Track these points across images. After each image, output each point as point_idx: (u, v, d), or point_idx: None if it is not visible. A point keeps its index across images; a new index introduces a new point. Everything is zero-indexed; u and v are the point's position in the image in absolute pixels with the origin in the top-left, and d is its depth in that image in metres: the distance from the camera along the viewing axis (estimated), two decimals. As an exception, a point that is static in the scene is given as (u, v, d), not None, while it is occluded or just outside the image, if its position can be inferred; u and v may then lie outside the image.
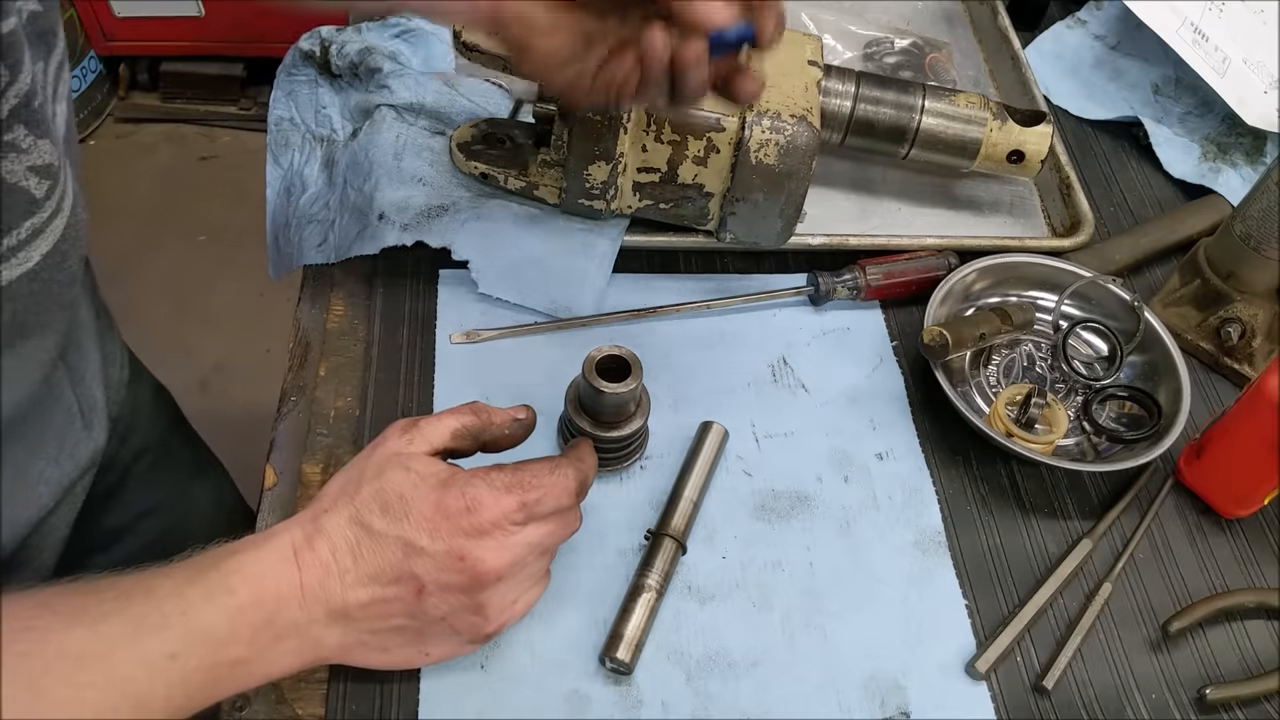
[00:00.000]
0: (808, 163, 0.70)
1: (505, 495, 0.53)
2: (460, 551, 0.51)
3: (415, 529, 0.51)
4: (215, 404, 1.94)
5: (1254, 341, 0.78)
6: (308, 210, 0.78)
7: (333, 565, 0.51)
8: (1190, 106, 0.99)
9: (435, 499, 0.52)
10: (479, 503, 0.52)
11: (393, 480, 0.52)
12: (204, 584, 0.48)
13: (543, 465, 0.55)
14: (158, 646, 0.45)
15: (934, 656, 0.63)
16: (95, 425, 0.68)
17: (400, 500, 0.52)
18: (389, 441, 0.55)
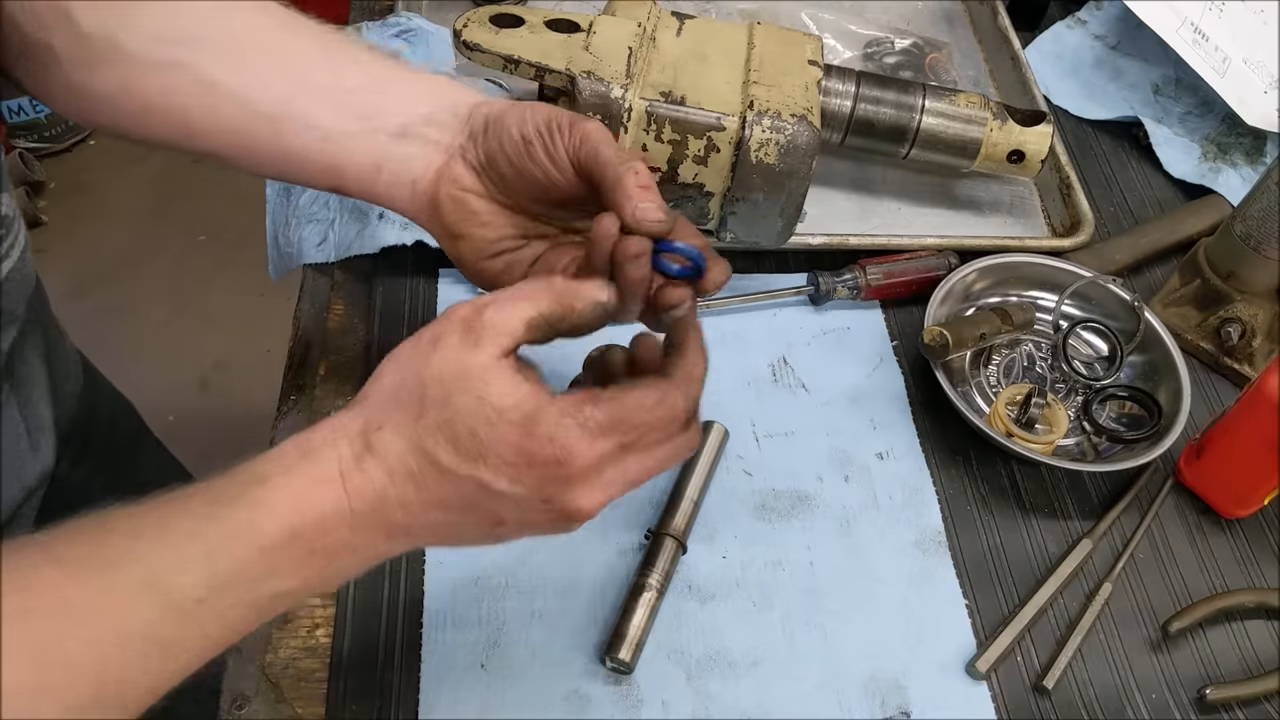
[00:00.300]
0: (808, 162, 0.70)
1: (601, 439, 0.44)
2: (546, 495, 0.44)
3: (493, 472, 0.43)
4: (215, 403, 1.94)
5: (1254, 341, 0.78)
6: (308, 210, 0.78)
7: (390, 492, 0.44)
8: (1190, 106, 0.99)
9: (518, 441, 0.43)
10: (570, 453, 0.43)
11: (462, 411, 0.43)
12: (226, 521, 0.42)
13: (647, 394, 0.45)
14: (180, 593, 0.40)
15: (934, 656, 0.63)
16: (43, 445, 0.66)
17: (472, 437, 0.43)
18: (449, 345, 0.45)
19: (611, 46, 0.71)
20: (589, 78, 0.68)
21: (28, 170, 2.13)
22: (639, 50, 0.71)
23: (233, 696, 0.58)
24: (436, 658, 0.60)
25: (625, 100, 0.69)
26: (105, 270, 2.09)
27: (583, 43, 0.71)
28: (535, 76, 0.70)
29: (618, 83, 0.69)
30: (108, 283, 2.08)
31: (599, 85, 0.68)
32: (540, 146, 0.53)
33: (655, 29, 0.75)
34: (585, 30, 0.72)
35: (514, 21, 0.72)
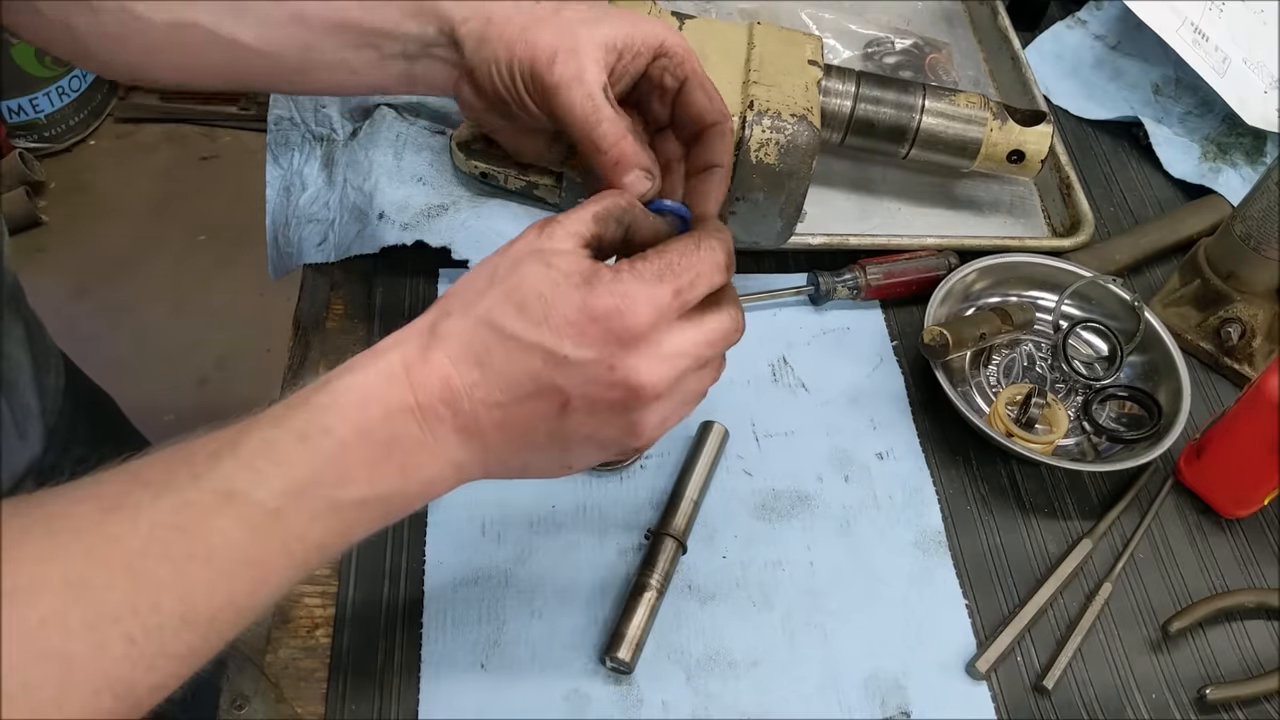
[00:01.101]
0: (808, 162, 0.70)
1: (658, 285, 0.44)
2: (611, 361, 0.44)
3: (557, 334, 0.43)
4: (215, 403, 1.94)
5: (1254, 341, 0.78)
6: (308, 210, 0.78)
7: (454, 378, 0.43)
8: (1190, 106, 0.99)
9: (580, 298, 0.43)
10: (631, 299, 0.43)
11: (529, 275, 0.44)
12: (294, 425, 0.41)
13: (685, 241, 0.46)
14: (256, 506, 0.40)
15: (934, 656, 0.63)
16: (30, 433, 0.67)
17: (539, 299, 0.43)
18: (524, 238, 0.46)
19: (611, 46, 0.71)
20: (589, 78, 0.68)
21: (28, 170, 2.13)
22: (639, 50, 0.71)
23: (233, 696, 0.58)
24: (436, 658, 0.60)
25: (625, 100, 0.69)
26: (105, 270, 2.09)
27: (583, 43, 0.71)
28: (535, 76, 0.70)
29: (618, 83, 0.68)
30: (108, 282, 2.08)
31: (599, 85, 0.68)
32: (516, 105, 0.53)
33: (655, 29, 0.75)
34: (585, 30, 0.72)
35: (514, 21, 0.72)
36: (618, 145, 0.50)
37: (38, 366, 0.70)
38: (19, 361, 0.66)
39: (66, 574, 0.36)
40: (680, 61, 0.52)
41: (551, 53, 0.51)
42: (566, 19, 0.52)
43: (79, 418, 0.78)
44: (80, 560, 0.36)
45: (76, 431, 0.77)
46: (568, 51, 0.51)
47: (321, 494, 0.41)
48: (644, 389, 0.44)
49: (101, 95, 2.32)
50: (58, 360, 0.76)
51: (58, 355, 0.77)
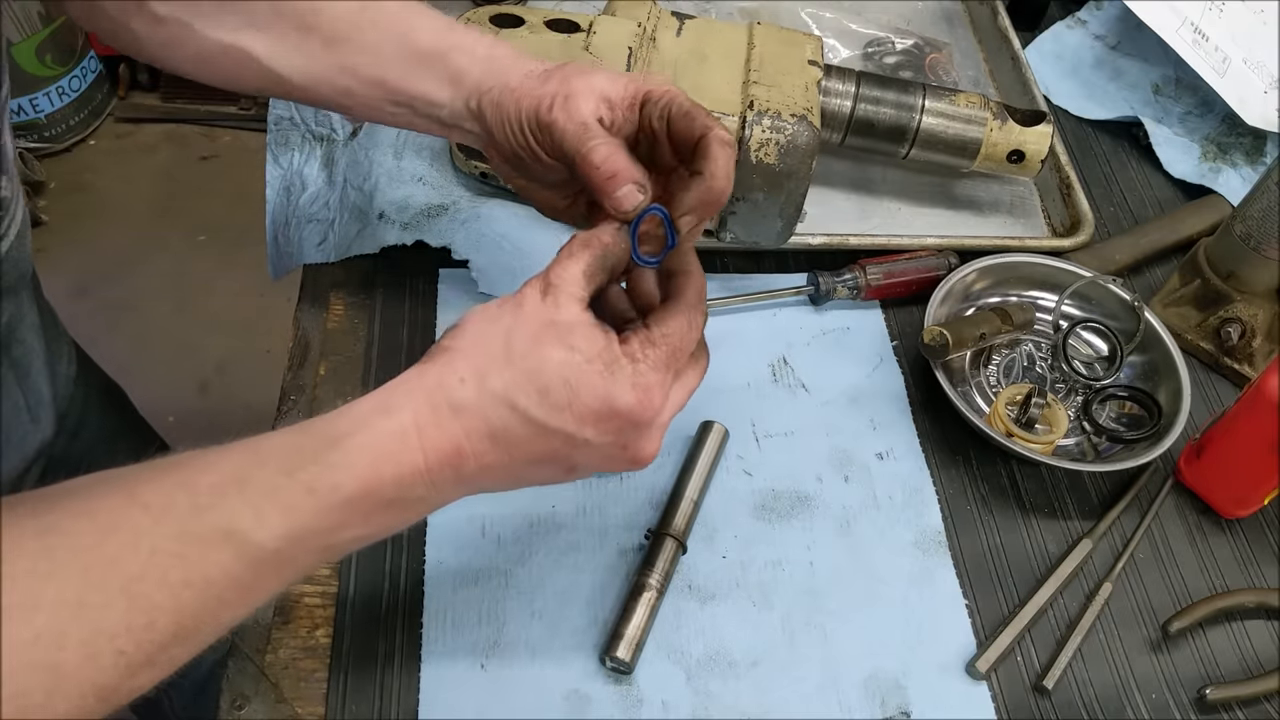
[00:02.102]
0: (808, 162, 0.70)
1: (666, 373, 0.49)
2: (624, 442, 0.48)
3: (579, 422, 0.46)
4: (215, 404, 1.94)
5: (1254, 341, 0.78)
6: (308, 210, 0.78)
7: (466, 447, 0.45)
8: (1190, 106, 0.99)
9: (604, 390, 0.46)
10: (649, 393, 0.47)
11: (553, 359, 0.46)
12: (304, 478, 0.43)
13: (680, 322, 0.50)
14: (257, 546, 0.42)
15: (934, 656, 0.63)
16: (42, 419, 0.69)
17: (565, 386, 0.46)
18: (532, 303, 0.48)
19: (611, 46, 0.71)
20: (589, 78, 0.68)
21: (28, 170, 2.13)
22: (639, 50, 0.71)
23: (233, 696, 0.58)
24: (436, 658, 0.60)
25: (625, 100, 0.69)
26: (105, 270, 2.09)
27: (583, 43, 0.71)
28: (535, 76, 0.70)
29: (618, 83, 0.68)
30: (108, 282, 2.08)
31: (599, 85, 0.68)
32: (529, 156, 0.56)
33: (655, 29, 0.75)
34: (585, 30, 0.72)
35: (514, 21, 0.73)
36: (608, 161, 0.52)
37: (51, 353, 0.72)
38: (33, 347, 0.68)
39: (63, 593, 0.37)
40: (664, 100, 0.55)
41: (550, 99, 0.55)
42: (566, 73, 0.56)
43: (89, 405, 0.80)
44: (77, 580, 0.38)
45: (87, 418, 0.79)
46: (564, 96, 0.54)
47: (320, 539, 0.44)
48: (646, 458, 0.50)
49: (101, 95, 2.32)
50: (70, 348, 0.78)
51: (70, 343, 0.78)
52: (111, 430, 0.84)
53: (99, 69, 2.30)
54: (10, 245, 0.61)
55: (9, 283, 0.62)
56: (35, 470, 0.69)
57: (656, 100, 0.55)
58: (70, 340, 0.79)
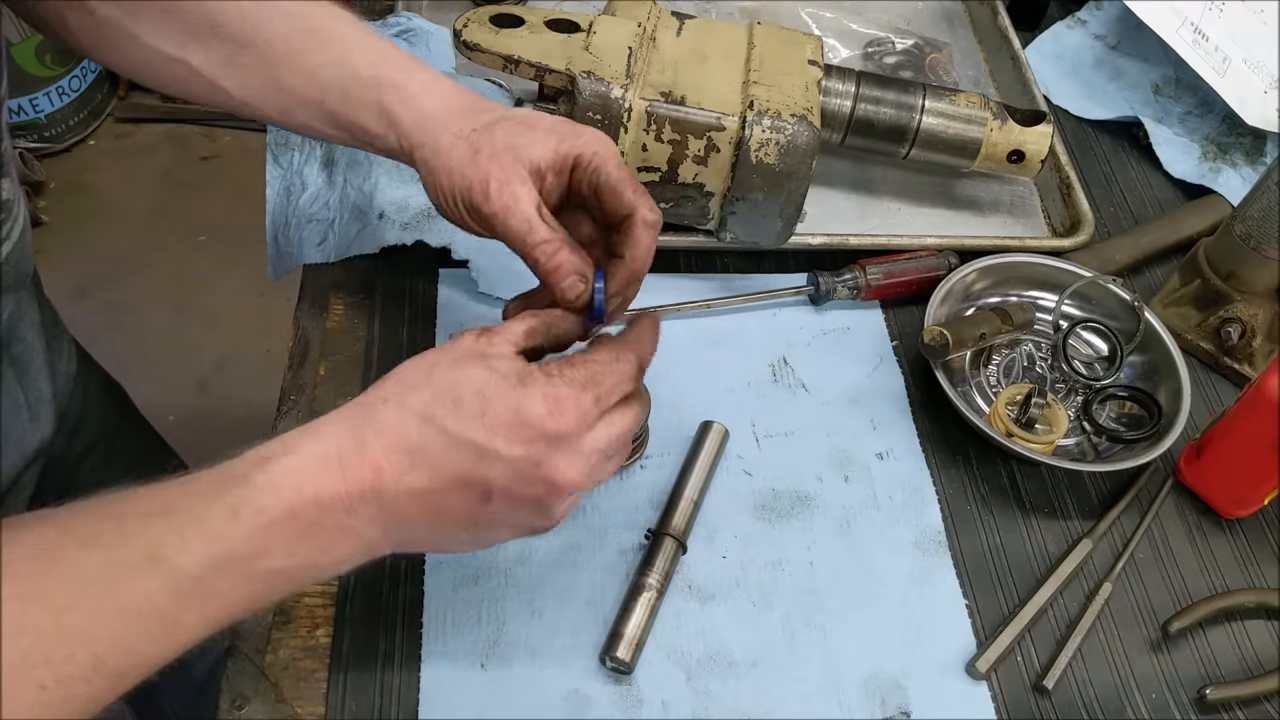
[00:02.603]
0: (808, 162, 0.70)
1: (583, 393, 0.49)
2: (537, 458, 0.47)
3: (490, 432, 0.47)
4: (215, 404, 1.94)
5: (1254, 341, 0.78)
6: (308, 209, 0.78)
7: (385, 467, 0.46)
8: (1190, 106, 0.99)
9: (515, 399, 0.47)
10: (561, 404, 0.48)
11: (471, 375, 0.48)
12: (229, 500, 0.44)
13: (607, 352, 0.52)
14: (179, 571, 0.42)
15: (934, 656, 0.63)
16: (42, 417, 0.69)
17: (478, 396, 0.47)
18: (464, 341, 0.50)
19: (611, 46, 0.71)
20: (589, 78, 0.68)
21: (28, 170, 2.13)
22: (639, 50, 0.71)
23: (233, 696, 0.58)
24: (436, 658, 0.60)
25: (625, 100, 0.69)
26: (105, 270, 2.09)
27: (583, 43, 0.71)
28: (535, 76, 0.70)
29: (618, 83, 0.69)
30: (108, 283, 2.08)
31: (599, 85, 0.68)
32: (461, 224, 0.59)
33: (655, 29, 0.75)
34: (585, 30, 0.72)
35: (514, 21, 0.73)
36: (552, 259, 0.55)
37: (51, 351, 0.72)
38: (33, 345, 0.68)
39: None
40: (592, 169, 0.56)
41: (485, 184, 0.56)
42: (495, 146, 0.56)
43: (89, 403, 0.80)
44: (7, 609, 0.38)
45: (86, 416, 0.79)
46: (499, 183, 0.55)
47: (242, 566, 0.44)
48: (563, 485, 0.49)
49: (101, 95, 2.32)
50: (70, 346, 0.78)
51: (70, 341, 0.79)
52: (111, 429, 0.84)
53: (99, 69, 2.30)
54: (12, 247, 0.61)
55: (10, 283, 0.62)
56: (34, 468, 0.69)
57: (585, 166, 0.56)
58: (70, 338, 0.79)
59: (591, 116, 0.68)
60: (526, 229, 0.56)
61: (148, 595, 0.41)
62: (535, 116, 0.58)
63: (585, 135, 0.57)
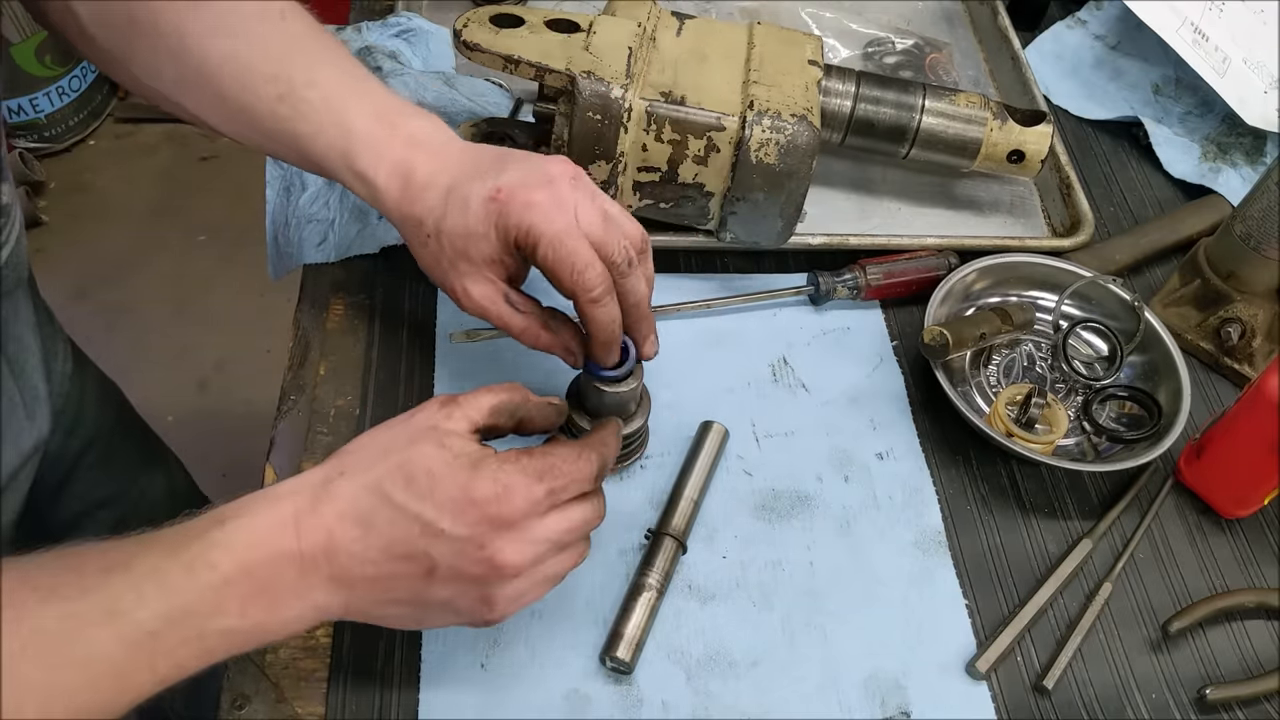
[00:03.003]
0: (808, 162, 0.70)
1: (536, 483, 0.50)
2: (481, 540, 0.49)
3: (438, 509, 0.48)
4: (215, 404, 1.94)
5: (1254, 341, 0.78)
6: (307, 209, 0.78)
7: (338, 533, 0.48)
8: (1190, 106, 0.99)
9: (465, 480, 0.49)
10: (510, 490, 0.49)
11: (423, 453, 0.49)
12: (185, 557, 0.45)
13: (569, 449, 0.53)
14: (135, 625, 0.43)
15: (934, 656, 0.63)
16: (38, 415, 0.69)
17: (428, 475, 0.48)
18: (425, 412, 0.52)
19: (611, 46, 0.71)
20: (589, 78, 0.68)
21: (28, 170, 2.13)
22: (639, 50, 0.71)
23: (233, 696, 0.58)
24: (436, 658, 0.60)
25: (625, 100, 0.69)
26: (105, 270, 2.09)
27: (583, 43, 0.71)
28: (535, 76, 0.70)
29: (618, 83, 0.69)
30: (108, 283, 2.08)
31: (599, 85, 0.68)
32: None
33: (655, 29, 0.75)
34: (585, 30, 0.72)
35: (514, 21, 0.72)
36: (536, 343, 0.61)
37: (47, 350, 0.72)
38: (28, 344, 0.68)
39: None
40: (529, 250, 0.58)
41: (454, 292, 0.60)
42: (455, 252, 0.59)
43: (85, 402, 0.80)
44: None
45: (83, 416, 0.80)
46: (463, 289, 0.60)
47: (195, 622, 0.45)
48: (505, 568, 0.49)
49: (101, 95, 2.32)
50: (65, 346, 0.78)
51: (66, 341, 0.79)
52: (108, 428, 0.84)
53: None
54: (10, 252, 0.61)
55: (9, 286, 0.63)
56: (30, 467, 0.69)
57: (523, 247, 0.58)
58: (66, 338, 0.79)
59: (591, 116, 0.68)
60: (503, 324, 0.61)
61: (102, 648, 0.42)
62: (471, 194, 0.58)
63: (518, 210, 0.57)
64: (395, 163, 0.60)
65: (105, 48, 0.60)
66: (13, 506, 0.68)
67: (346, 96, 0.61)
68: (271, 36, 0.61)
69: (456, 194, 0.58)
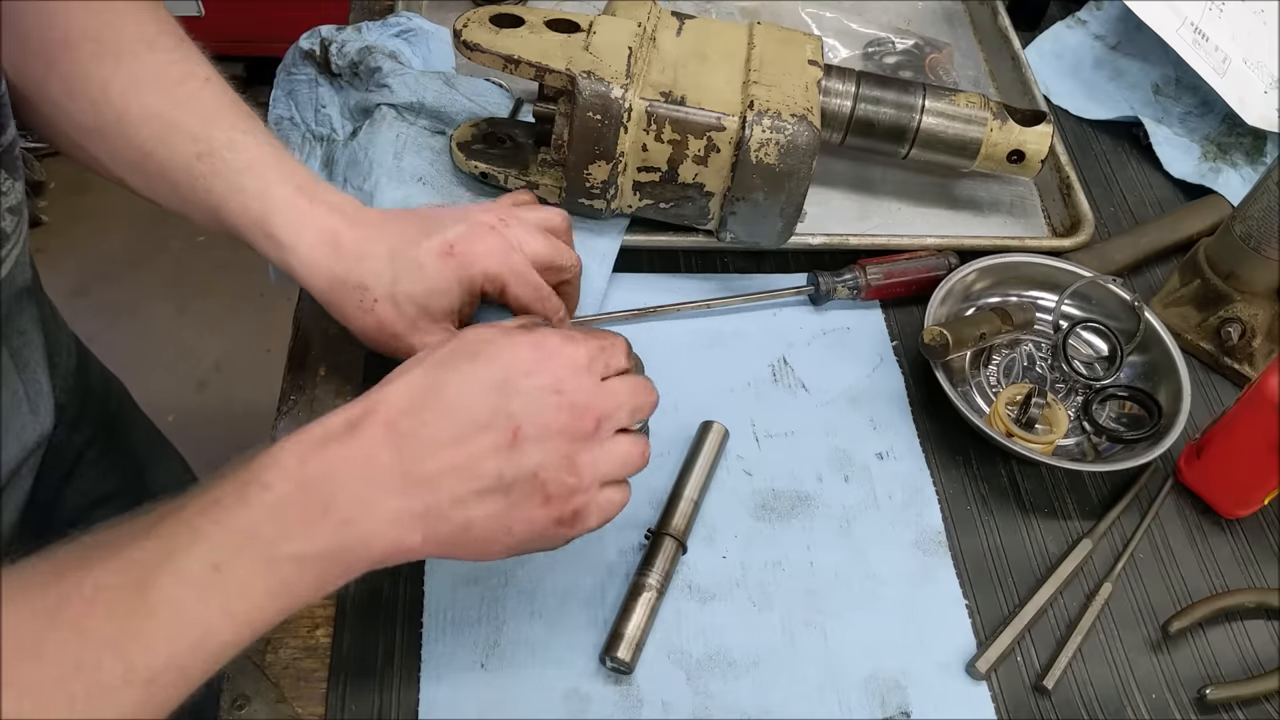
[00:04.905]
0: (808, 162, 0.70)
1: (588, 338, 0.51)
2: (559, 385, 0.48)
3: (509, 367, 0.48)
4: (215, 404, 1.94)
5: (1254, 341, 0.78)
6: (308, 210, 0.78)
7: (402, 422, 0.46)
8: (1190, 106, 0.99)
9: (530, 338, 0.49)
10: (572, 340, 0.50)
11: (478, 332, 0.50)
12: (234, 484, 0.43)
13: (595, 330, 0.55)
14: (196, 561, 0.41)
15: (934, 656, 0.63)
16: (42, 409, 0.69)
17: (490, 343, 0.48)
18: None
19: (611, 46, 0.71)
20: (589, 78, 0.68)
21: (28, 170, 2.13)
22: (639, 50, 0.71)
23: (233, 696, 0.58)
24: (436, 658, 0.60)
25: (625, 100, 0.69)
26: (105, 270, 2.09)
27: (583, 43, 0.71)
28: (535, 76, 0.70)
29: (618, 83, 0.69)
30: (108, 283, 2.08)
31: (599, 85, 0.68)
32: None
33: (655, 29, 0.75)
34: (585, 30, 0.72)
35: (514, 21, 0.72)
36: None
37: (51, 344, 0.72)
38: (32, 339, 0.68)
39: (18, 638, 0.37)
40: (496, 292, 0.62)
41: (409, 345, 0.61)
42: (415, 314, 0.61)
43: (89, 398, 0.80)
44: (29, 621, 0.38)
45: (86, 411, 0.80)
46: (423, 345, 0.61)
47: (259, 550, 0.42)
48: (588, 408, 0.49)
49: (102, 95, 2.32)
50: (69, 340, 0.79)
51: (70, 335, 0.79)
52: (110, 423, 0.84)
53: (99, 69, 2.30)
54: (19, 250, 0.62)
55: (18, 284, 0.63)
56: (34, 461, 0.69)
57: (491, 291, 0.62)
58: (70, 333, 0.79)
59: (591, 116, 0.68)
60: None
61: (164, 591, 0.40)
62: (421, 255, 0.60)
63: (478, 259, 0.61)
64: (319, 230, 0.60)
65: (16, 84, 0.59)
66: (16, 501, 0.68)
67: (267, 164, 0.61)
68: (195, 99, 0.61)
69: (404, 258, 0.60)
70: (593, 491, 0.50)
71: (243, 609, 0.42)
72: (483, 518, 0.48)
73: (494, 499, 0.47)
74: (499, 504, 0.48)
